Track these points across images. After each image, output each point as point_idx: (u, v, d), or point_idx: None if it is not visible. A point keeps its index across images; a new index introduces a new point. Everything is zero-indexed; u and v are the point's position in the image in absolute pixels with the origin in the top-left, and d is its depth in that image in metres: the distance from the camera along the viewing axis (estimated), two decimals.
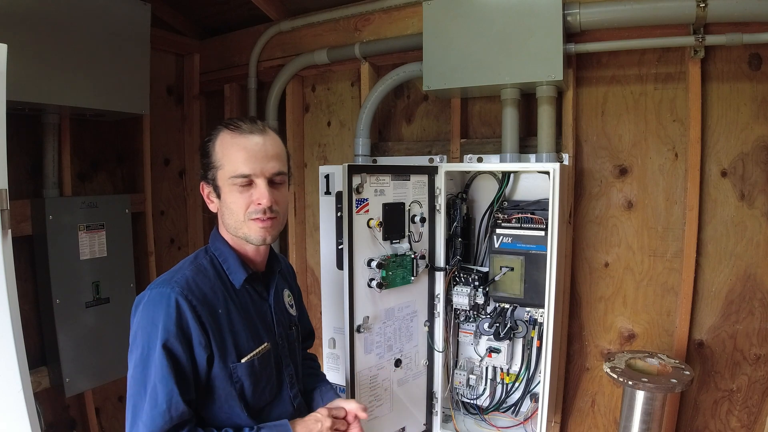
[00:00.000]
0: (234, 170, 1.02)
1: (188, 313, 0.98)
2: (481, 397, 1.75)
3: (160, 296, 0.99)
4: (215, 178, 1.06)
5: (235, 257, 1.09)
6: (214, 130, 1.08)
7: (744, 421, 1.54)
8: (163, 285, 1.01)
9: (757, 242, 1.50)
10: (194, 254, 1.12)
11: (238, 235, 1.07)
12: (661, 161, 1.62)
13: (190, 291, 1.00)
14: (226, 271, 1.09)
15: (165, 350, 0.95)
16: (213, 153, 1.05)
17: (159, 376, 0.94)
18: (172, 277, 1.02)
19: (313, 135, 2.31)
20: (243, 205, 1.03)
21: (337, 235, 2.09)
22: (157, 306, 0.98)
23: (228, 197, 1.04)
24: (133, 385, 0.97)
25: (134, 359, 0.98)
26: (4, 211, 1.22)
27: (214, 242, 1.12)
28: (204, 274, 1.06)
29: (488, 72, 1.62)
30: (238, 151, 1.02)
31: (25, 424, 1.22)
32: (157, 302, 0.98)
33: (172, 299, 0.97)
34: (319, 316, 2.33)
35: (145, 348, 0.97)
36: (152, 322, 0.97)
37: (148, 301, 1.00)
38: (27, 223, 1.88)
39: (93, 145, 2.21)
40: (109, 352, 2.02)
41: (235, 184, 1.02)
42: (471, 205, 1.78)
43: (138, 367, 0.97)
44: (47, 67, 1.69)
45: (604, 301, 1.72)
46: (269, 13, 2.18)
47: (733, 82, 1.51)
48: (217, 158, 1.05)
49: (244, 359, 1.04)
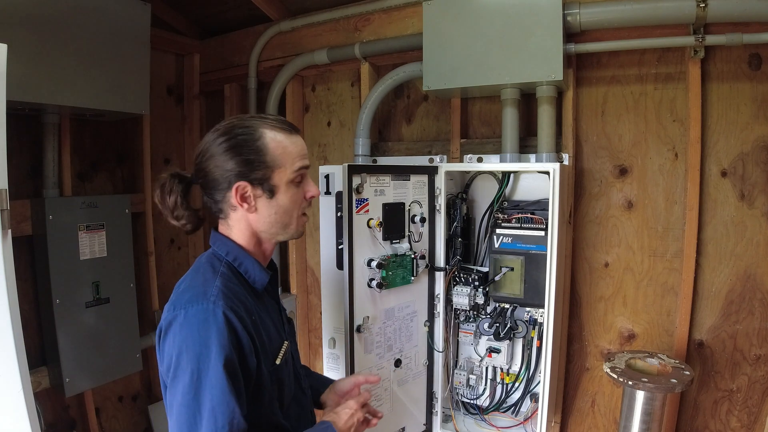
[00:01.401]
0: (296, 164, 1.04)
1: (238, 325, 0.92)
2: (481, 397, 1.74)
3: (205, 313, 0.91)
4: (269, 178, 1.01)
5: (252, 260, 1.06)
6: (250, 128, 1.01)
7: (744, 421, 1.54)
8: (201, 301, 0.93)
9: (757, 242, 1.50)
10: (206, 262, 1.04)
11: (279, 233, 1.07)
12: (661, 161, 1.62)
13: (232, 302, 0.94)
14: (244, 274, 1.05)
15: (226, 370, 0.88)
16: (267, 151, 1.00)
17: (218, 399, 0.87)
18: (206, 291, 0.95)
19: (313, 135, 2.31)
20: (299, 201, 1.07)
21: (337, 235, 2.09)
22: (203, 324, 0.90)
23: (286, 196, 1.03)
24: (183, 413, 0.88)
25: (182, 385, 0.89)
26: (4, 211, 1.22)
27: (223, 247, 1.05)
28: (231, 281, 1.00)
29: (488, 72, 1.62)
30: (296, 149, 1.05)
31: (25, 424, 1.22)
32: (202, 320, 0.91)
33: (219, 314, 0.91)
34: (319, 316, 2.33)
35: (195, 371, 0.88)
36: (201, 342, 0.89)
37: (189, 320, 0.91)
38: (27, 223, 1.88)
39: (93, 145, 2.21)
40: (109, 352, 2.03)
41: (295, 180, 1.04)
42: (471, 205, 1.78)
43: (188, 393, 0.88)
44: (47, 67, 1.69)
45: (604, 301, 1.72)
46: (269, 13, 2.18)
47: (733, 82, 1.51)
48: (274, 157, 1.01)
49: (278, 360, 1.04)
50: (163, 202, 1.06)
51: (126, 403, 2.31)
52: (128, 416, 2.31)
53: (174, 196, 1.05)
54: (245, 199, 1.01)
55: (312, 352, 2.42)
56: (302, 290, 2.38)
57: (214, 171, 1.01)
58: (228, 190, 1.01)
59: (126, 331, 2.10)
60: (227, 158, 1.00)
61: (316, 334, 2.36)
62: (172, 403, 0.91)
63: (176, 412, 0.89)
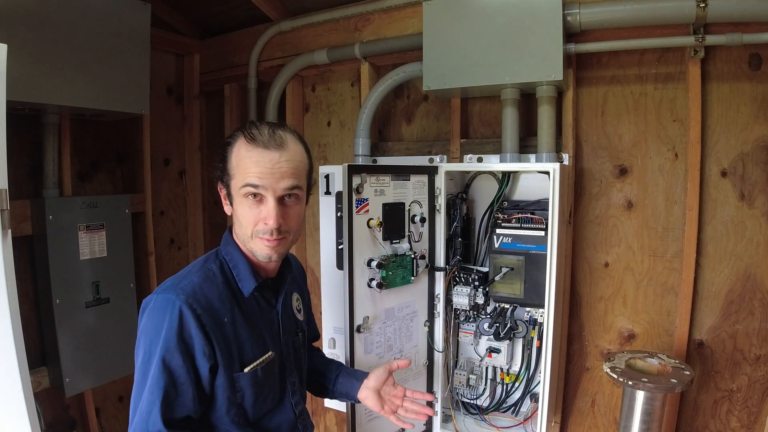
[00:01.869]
0: (243, 180, 0.99)
1: (192, 322, 0.96)
2: (481, 397, 1.74)
3: (165, 302, 0.97)
4: (229, 186, 1.04)
5: (246, 264, 1.07)
6: (234, 133, 1.05)
7: (744, 421, 1.54)
8: (170, 291, 0.98)
9: (757, 242, 1.50)
10: (204, 257, 1.10)
11: (247, 246, 1.06)
12: (661, 161, 1.62)
13: (196, 299, 0.98)
14: (236, 277, 1.06)
15: (162, 364, 0.94)
16: (228, 160, 1.03)
17: (150, 388, 0.95)
18: (179, 283, 1.00)
19: (313, 135, 2.31)
20: (252, 221, 1.01)
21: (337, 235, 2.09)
22: (161, 313, 0.96)
23: (238, 208, 1.03)
24: (135, 387, 0.99)
25: (138, 362, 0.99)
26: (4, 211, 1.22)
27: (226, 246, 1.09)
28: (212, 280, 1.03)
29: (488, 72, 1.62)
30: (251, 165, 0.99)
31: (25, 424, 1.22)
32: (161, 308, 0.97)
33: (176, 307, 0.96)
34: (319, 316, 2.33)
35: (146, 353, 0.97)
36: (155, 329, 0.96)
37: (154, 306, 0.98)
38: (27, 223, 1.88)
39: (93, 145, 2.21)
40: (109, 352, 2.03)
41: (246, 196, 1.00)
42: (471, 205, 1.78)
43: (140, 371, 0.98)
44: (47, 67, 1.69)
45: (604, 301, 1.72)
46: (269, 13, 2.18)
47: (733, 82, 1.51)
48: (231, 166, 1.03)
49: (247, 369, 1.03)
50: None
51: (126, 403, 2.31)
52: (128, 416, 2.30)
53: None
54: (224, 200, 1.09)
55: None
56: None
57: None
58: None
59: (126, 331, 2.09)
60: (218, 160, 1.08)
61: None
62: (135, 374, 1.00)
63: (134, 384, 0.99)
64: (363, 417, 1.55)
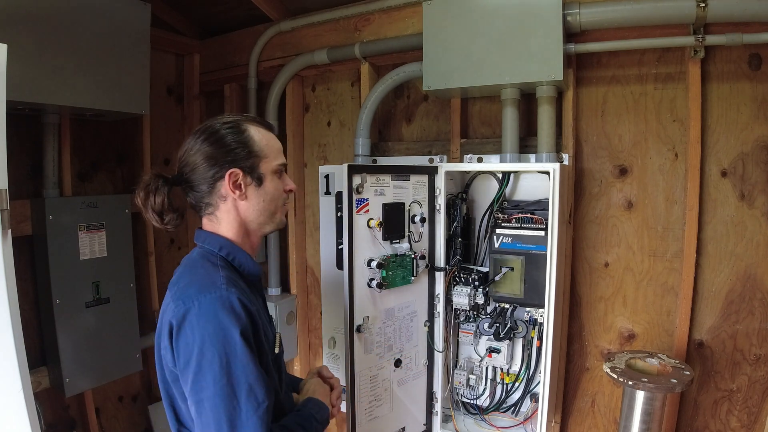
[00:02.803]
0: (277, 159, 1.11)
1: (252, 310, 0.97)
2: (481, 397, 1.74)
3: (221, 300, 0.93)
4: (258, 167, 1.07)
5: (244, 253, 1.09)
6: (235, 121, 1.08)
7: (744, 421, 1.54)
8: (213, 290, 0.94)
9: (757, 242, 1.50)
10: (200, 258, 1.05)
11: (267, 223, 1.12)
12: (661, 161, 1.62)
13: (238, 289, 0.97)
14: (239, 267, 1.08)
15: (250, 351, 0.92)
16: (254, 142, 1.07)
17: (253, 377, 0.90)
18: (214, 281, 0.97)
19: (313, 135, 2.31)
20: (281, 193, 1.12)
21: (337, 235, 2.09)
22: (221, 311, 0.92)
23: (271, 185, 1.09)
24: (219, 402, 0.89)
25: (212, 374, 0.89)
26: (4, 211, 1.22)
27: (214, 242, 1.07)
28: (232, 274, 1.03)
29: (488, 72, 1.62)
30: (277, 145, 1.13)
31: (25, 424, 1.22)
32: (219, 307, 0.92)
33: (234, 300, 0.93)
34: (319, 316, 2.33)
35: (222, 357, 0.89)
36: (224, 327, 0.91)
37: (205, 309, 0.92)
38: (27, 223, 1.89)
39: (93, 145, 2.21)
40: (109, 352, 2.03)
41: (277, 173, 1.10)
42: (471, 205, 1.78)
43: (221, 380, 0.89)
44: (47, 67, 1.69)
45: (604, 301, 1.72)
46: (269, 13, 2.18)
47: (733, 82, 1.51)
48: (260, 147, 1.07)
49: (277, 348, 1.08)
50: (145, 203, 1.06)
51: (126, 403, 2.31)
52: (128, 416, 2.31)
53: (161, 196, 1.06)
54: (237, 186, 1.05)
55: (312, 352, 2.42)
56: (302, 290, 2.38)
57: (202, 163, 1.04)
58: (218, 180, 1.04)
59: (126, 331, 2.10)
60: (216, 149, 1.04)
61: (316, 334, 2.36)
62: (201, 397, 0.90)
63: (210, 404, 0.89)
64: (363, 417, 1.55)
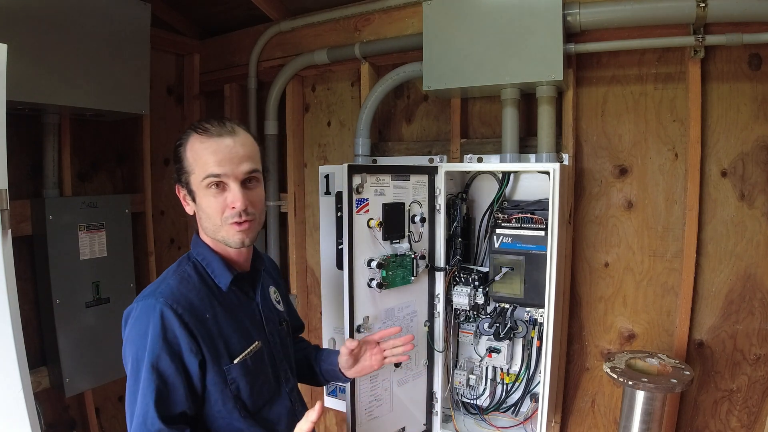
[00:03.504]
0: (204, 171, 1.02)
1: (175, 322, 0.98)
2: (481, 397, 1.75)
3: (146, 308, 1.00)
4: (189, 183, 1.06)
5: (218, 260, 1.09)
6: (184, 134, 1.08)
7: (744, 421, 1.54)
8: (149, 297, 1.01)
9: (757, 242, 1.50)
10: (177, 262, 1.13)
11: (217, 238, 1.07)
12: (661, 161, 1.62)
13: (175, 300, 1.00)
14: (211, 275, 1.09)
15: (152, 368, 0.96)
16: (185, 158, 1.05)
17: (143, 392, 0.96)
18: (157, 288, 1.03)
19: (313, 135, 2.31)
20: (218, 210, 1.03)
21: (337, 235, 2.09)
22: (143, 319, 0.99)
23: (203, 201, 1.05)
24: (127, 394, 1.00)
25: (128, 369, 1.01)
26: (4, 211, 1.22)
27: (196, 247, 1.12)
28: (188, 281, 1.06)
29: (488, 72, 1.62)
30: (208, 155, 1.02)
31: (25, 424, 1.22)
32: (143, 315, 0.99)
33: (157, 310, 0.98)
34: (319, 316, 2.33)
35: (134, 361, 0.98)
36: (140, 335, 0.98)
37: (137, 314, 1.01)
38: (27, 223, 1.88)
39: (93, 145, 2.21)
40: (109, 352, 2.02)
41: (209, 187, 1.02)
42: (471, 205, 1.78)
43: (131, 377, 0.99)
44: (47, 67, 1.69)
45: (604, 301, 1.72)
46: (269, 13, 2.18)
47: (733, 82, 1.51)
48: (188, 163, 1.05)
49: (237, 360, 1.05)
50: None
51: None
52: None
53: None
54: (184, 201, 1.10)
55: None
56: (302, 290, 2.38)
57: None
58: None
59: None
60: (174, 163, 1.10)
61: (316, 334, 2.36)
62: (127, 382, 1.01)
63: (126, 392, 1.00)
64: (363, 417, 1.55)
